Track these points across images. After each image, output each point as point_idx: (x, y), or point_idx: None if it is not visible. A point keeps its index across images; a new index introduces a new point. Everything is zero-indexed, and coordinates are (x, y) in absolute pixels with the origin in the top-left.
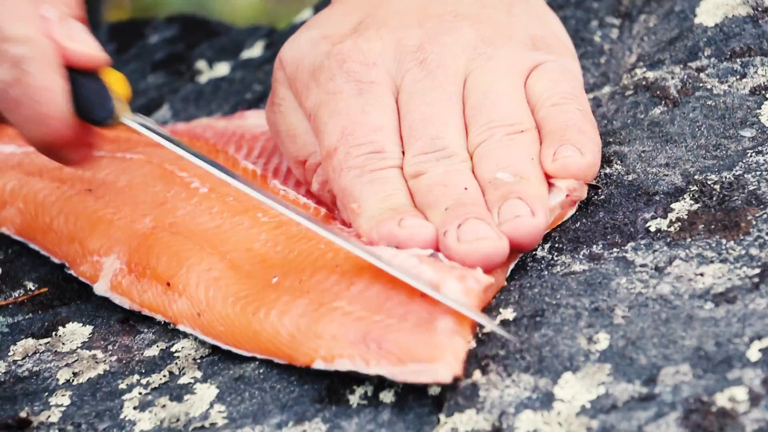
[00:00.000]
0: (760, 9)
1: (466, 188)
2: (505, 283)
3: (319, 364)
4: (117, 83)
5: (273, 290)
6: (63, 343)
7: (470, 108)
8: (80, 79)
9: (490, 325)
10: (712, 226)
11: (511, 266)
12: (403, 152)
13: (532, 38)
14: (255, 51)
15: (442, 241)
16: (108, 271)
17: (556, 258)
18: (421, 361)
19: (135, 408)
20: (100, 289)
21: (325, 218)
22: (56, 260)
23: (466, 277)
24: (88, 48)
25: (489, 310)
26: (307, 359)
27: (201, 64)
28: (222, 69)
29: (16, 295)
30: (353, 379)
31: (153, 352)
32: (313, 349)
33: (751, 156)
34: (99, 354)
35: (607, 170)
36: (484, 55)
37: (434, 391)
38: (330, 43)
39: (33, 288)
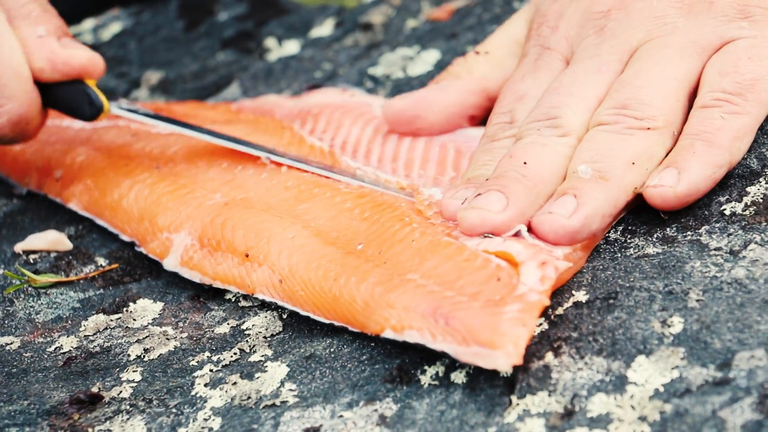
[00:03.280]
0: None
1: (525, 163)
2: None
3: (388, 333)
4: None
5: (356, 257)
6: (134, 320)
7: (618, 81)
8: (66, 87)
9: None
10: None
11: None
12: None
13: (741, 5)
14: (324, 29)
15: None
16: (178, 246)
17: (629, 240)
18: (483, 345)
19: (206, 385)
20: (170, 264)
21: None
22: (125, 238)
23: (547, 265)
24: (85, 58)
25: (561, 291)
26: (377, 328)
27: (270, 42)
28: (292, 47)
29: (87, 271)
30: (424, 359)
31: (224, 329)
32: (385, 318)
33: None
34: (170, 330)
35: None
36: (668, 26)
37: (506, 372)
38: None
39: (104, 264)
